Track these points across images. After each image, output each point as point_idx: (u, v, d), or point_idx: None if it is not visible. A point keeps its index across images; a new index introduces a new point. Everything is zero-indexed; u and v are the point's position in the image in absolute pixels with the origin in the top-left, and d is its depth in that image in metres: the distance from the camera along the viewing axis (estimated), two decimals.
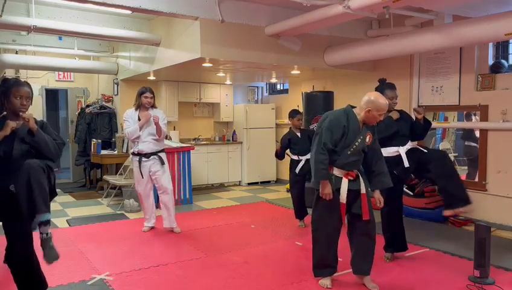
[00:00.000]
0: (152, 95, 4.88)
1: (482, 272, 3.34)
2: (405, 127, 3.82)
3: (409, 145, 3.78)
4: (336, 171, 3.18)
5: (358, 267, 3.33)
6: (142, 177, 4.87)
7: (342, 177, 3.17)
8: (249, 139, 8.32)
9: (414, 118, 3.83)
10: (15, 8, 5.48)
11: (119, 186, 6.59)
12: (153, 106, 4.91)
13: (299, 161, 5.08)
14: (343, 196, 3.16)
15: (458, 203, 3.70)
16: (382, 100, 3.11)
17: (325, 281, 3.31)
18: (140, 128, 4.76)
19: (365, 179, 3.27)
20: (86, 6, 5.47)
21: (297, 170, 5.09)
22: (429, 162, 3.70)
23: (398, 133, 3.75)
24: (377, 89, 3.84)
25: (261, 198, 7.03)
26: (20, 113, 2.60)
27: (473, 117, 5.52)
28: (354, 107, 3.26)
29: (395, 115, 3.81)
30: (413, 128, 3.83)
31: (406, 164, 3.69)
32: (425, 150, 3.80)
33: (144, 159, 4.81)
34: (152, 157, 4.82)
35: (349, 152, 3.14)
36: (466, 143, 5.74)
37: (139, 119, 4.80)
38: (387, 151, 3.71)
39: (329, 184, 3.12)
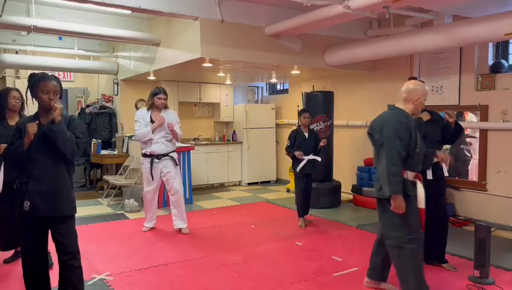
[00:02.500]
0: (165, 96, 4.81)
1: (482, 272, 3.34)
2: (436, 130, 3.62)
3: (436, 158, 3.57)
4: (410, 175, 2.94)
5: (382, 274, 3.27)
6: (153, 179, 4.82)
7: (415, 182, 2.97)
8: (249, 139, 8.32)
9: (445, 121, 3.65)
10: (15, 8, 5.48)
11: (119, 186, 6.59)
12: (165, 107, 4.86)
13: (301, 160, 5.10)
14: (422, 201, 2.96)
15: (432, 260, 3.74)
16: (422, 84, 3.10)
17: None
18: (153, 131, 4.70)
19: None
20: (86, 6, 5.47)
21: (298, 169, 5.10)
22: (431, 203, 3.58)
23: (428, 137, 3.55)
24: None
25: (261, 198, 7.03)
26: (52, 103, 2.55)
27: (470, 116, 5.51)
28: (392, 105, 3.06)
29: (425, 117, 3.62)
30: (443, 132, 3.65)
31: (430, 176, 3.50)
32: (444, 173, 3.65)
33: (155, 160, 4.77)
34: (164, 158, 4.79)
35: (418, 149, 2.95)
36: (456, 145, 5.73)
37: (151, 120, 4.75)
38: None
39: (401, 197, 2.83)
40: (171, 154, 4.84)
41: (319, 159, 5.24)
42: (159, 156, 4.77)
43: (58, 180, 2.60)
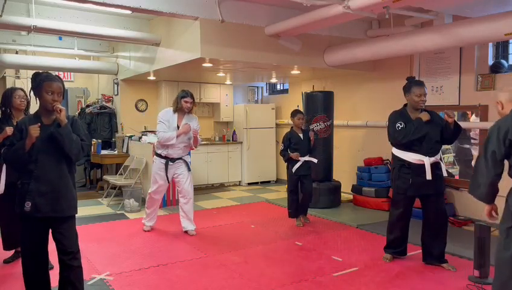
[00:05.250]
0: (192, 100, 4.77)
1: (482, 272, 3.34)
2: (435, 130, 3.62)
3: (435, 158, 3.59)
4: None
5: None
6: (168, 182, 4.81)
7: None
8: (249, 139, 8.32)
9: (445, 121, 3.63)
10: (15, 8, 5.48)
11: (119, 186, 6.60)
12: (190, 111, 4.83)
13: (296, 161, 5.09)
14: None
15: (432, 260, 3.74)
16: None
17: None
18: (177, 137, 4.65)
19: None
20: (86, 6, 5.47)
21: (293, 169, 5.09)
22: (430, 204, 3.68)
23: (428, 137, 3.57)
24: (404, 87, 3.76)
25: (261, 198, 7.03)
26: (55, 104, 2.55)
27: (472, 117, 5.52)
28: None
29: (425, 117, 3.60)
30: (443, 132, 3.63)
31: (429, 176, 3.52)
32: (444, 173, 3.65)
33: (170, 163, 4.76)
34: (177, 161, 4.78)
35: None
36: (459, 145, 5.73)
37: (177, 125, 4.71)
38: (411, 157, 3.60)
39: None
40: (184, 157, 4.83)
41: (316, 160, 5.24)
42: (173, 159, 4.77)
43: (60, 180, 2.60)
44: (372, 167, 6.13)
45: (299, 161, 5.08)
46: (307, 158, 5.13)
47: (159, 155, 4.79)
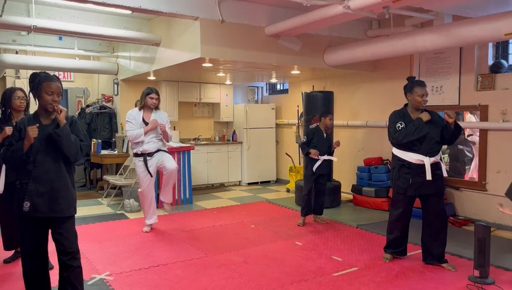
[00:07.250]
0: (157, 96, 4.89)
1: (482, 272, 3.34)
2: (435, 130, 3.63)
3: (435, 158, 3.60)
4: None
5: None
6: (151, 176, 4.86)
7: None
8: (249, 139, 8.32)
9: (445, 121, 3.63)
10: (15, 8, 5.49)
11: (119, 186, 6.60)
12: (157, 107, 4.91)
13: (316, 159, 5.11)
14: None
15: (432, 260, 3.75)
16: None
17: None
18: (146, 133, 4.75)
19: None
20: (86, 6, 5.47)
21: (314, 168, 5.11)
22: (430, 203, 3.68)
23: (428, 137, 3.58)
24: (405, 87, 3.76)
25: (261, 198, 7.03)
26: (56, 105, 2.57)
27: (469, 116, 5.52)
28: None
29: (425, 117, 3.60)
30: (443, 132, 3.64)
31: (429, 176, 3.53)
32: (444, 173, 3.67)
33: (148, 157, 4.82)
34: (155, 153, 4.86)
35: None
36: (457, 146, 5.73)
37: (144, 120, 4.80)
38: (411, 157, 3.61)
39: None
40: (162, 148, 4.95)
41: (335, 159, 5.28)
42: (151, 153, 4.85)
43: (59, 180, 2.60)
44: (372, 167, 6.14)
45: (318, 159, 5.10)
46: (326, 157, 5.15)
47: (136, 154, 4.88)
